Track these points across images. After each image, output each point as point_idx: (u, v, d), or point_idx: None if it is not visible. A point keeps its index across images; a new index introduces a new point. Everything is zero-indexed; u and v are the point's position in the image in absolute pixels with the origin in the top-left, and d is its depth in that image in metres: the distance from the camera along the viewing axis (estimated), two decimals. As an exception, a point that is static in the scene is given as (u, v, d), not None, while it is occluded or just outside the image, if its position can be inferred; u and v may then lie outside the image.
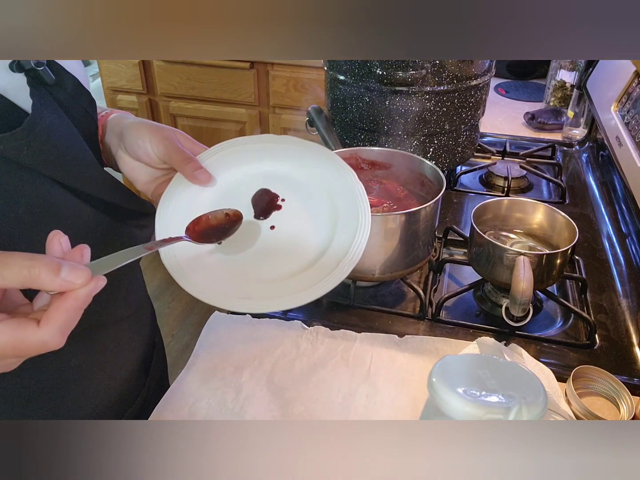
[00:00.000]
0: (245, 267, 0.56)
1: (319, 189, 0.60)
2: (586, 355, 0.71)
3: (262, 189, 0.60)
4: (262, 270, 0.56)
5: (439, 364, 0.55)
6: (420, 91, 0.92)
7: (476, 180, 1.17)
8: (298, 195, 0.60)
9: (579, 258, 0.89)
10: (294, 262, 0.56)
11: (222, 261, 0.56)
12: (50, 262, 0.34)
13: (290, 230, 0.58)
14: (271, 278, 0.55)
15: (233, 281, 0.54)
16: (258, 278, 0.55)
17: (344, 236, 0.56)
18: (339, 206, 0.59)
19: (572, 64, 1.44)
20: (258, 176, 0.61)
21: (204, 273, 0.55)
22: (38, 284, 0.34)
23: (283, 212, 0.59)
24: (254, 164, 0.62)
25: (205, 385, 0.65)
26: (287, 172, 0.61)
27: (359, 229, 0.56)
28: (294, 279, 0.54)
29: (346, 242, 0.56)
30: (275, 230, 0.58)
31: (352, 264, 0.54)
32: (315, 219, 0.59)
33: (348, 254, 0.55)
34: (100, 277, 0.37)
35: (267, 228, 0.58)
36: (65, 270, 0.34)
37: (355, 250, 0.55)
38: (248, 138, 0.63)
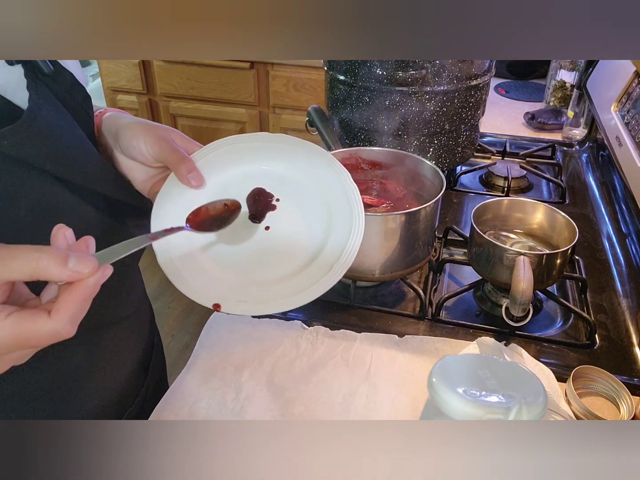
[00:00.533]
0: (240, 269, 0.56)
1: (313, 189, 0.60)
2: (586, 355, 0.71)
3: (257, 188, 0.60)
4: (257, 272, 0.56)
5: (439, 364, 0.55)
6: (420, 91, 0.92)
7: (476, 180, 1.17)
8: (293, 195, 0.60)
9: (579, 258, 0.89)
10: (289, 264, 0.56)
11: (218, 263, 0.56)
12: (58, 253, 0.35)
13: (285, 231, 0.58)
14: (266, 280, 0.55)
15: (228, 284, 0.55)
16: (253, 280, 0.55)
17: (338, 238, 0.56)
18: (332, 207, 0.59)
19: (572, 64, 1.44)
20: (253, 175, 0.61)
21: (200, 275, 0.55)
22: (47, 275, 0.34)
23: (278, 213, 0.59)
24: (248, 163, 0.61)
25: (205, 385, 0.65)
26: (282, 172, 0.61)
27: (353, 231, 0.56)
28: (289, 281, 0.55)
29: (340, 243, 0.56)
30: (270, 231, 0.58)
31: (346, 267, 0.54)
32: (309, 220, 0.59)
33: (342, 256, 0.55)
34: (107, 266, 0.37)
35: (262, 229, 0.58)
36: (72, 261, 0.35)
37: (349, 253, 0.55)
38: (243, 136, 0.63)
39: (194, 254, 0.56)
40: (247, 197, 0.60)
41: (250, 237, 0.58)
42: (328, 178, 0.60)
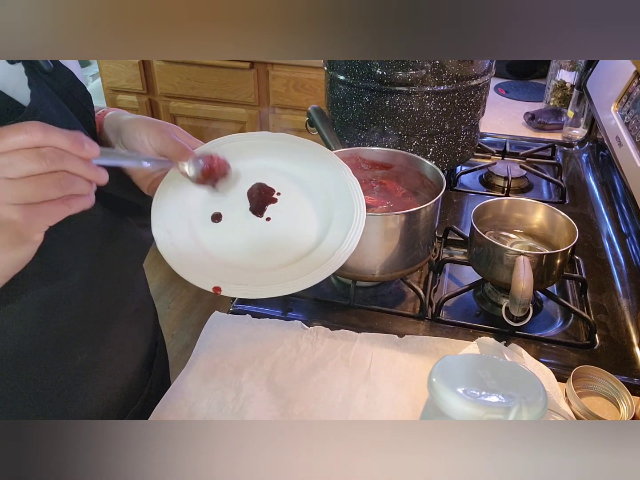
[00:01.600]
0: (241, 255, 0.58)
1: (315, 184, 0.62)
2: (586, 355, 0.71)
3: (258, 183, 0.62)
4: (257, 259, 0.58)
5: (439, 364, 0.55)
6: (420, 91, 0.92)
7: (476, 180, 1.17)
8: (294, 190, 0.62)
9: (579, 258, 0.89)
10: (289, 253, 0.58)
11: (220, 249, 0.58)
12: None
13: (286, 222, 0.60)
14: (266, 267, 0.58)
15: (229, 268, 0.57)
16: (253, 266, 0.58)
17: (338, 230, 0.59)
18: (334, 200, 0.61)
19: (572, 64, 1.44)
20: (254, 170, 0.63)
21: (201, 260, 0.57)
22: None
23: (279, 205, 0.61)
24: (250, 159, 0.63)
25: (205, 385, 0.65)
26: (284, 168, 0.63)
27: (354, 223, 0.58)
28: (289, 268, 0.57)
29: (340, 235, 0.58)
30: (271, 222, 0.60)
31: (346, 256, 0.57)
32: (310, 212, 0.61)
33: (342, 245, 0.57)
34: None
35: (264, 220, 0.61)
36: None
37: (348, 244, 0.57)
38: (245, 134, 0.65)
39: (195, 240, 0.58)
40: (248, 191, 0.62)
41: (252, 227, 0.60)
42: (329, 173, 0.62)
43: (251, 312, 0.76)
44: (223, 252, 0.58)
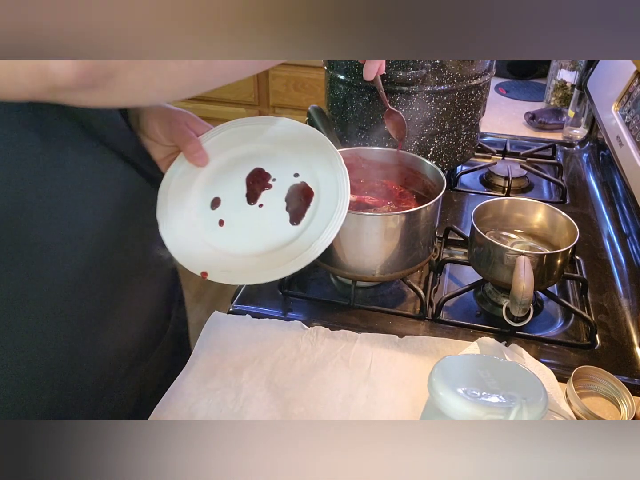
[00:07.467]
0: (229, 241, 0.61)
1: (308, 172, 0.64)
2: (587, 355, 0.70)
3: (257, 168, 0.64)
4: (244, 245, 0.61)
5: (439, 364, 0.55)
6: (420, 91, 0.92)
7: (476, 180, 1.17)
8: (288, 176, 0.64)
9: (579, 258, 0.89)
10: (275, 239, 0.60)
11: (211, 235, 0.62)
12: None
13: (276, 208, 0.62)
14: (253, 253, 0.60)
15: (216, 254, 0.60)
16: (240, 253, 0.60)
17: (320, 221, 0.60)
18: (321, 188, 0.62)
19: (573, 63, 1.44)
20: (254, 155, 0.65)
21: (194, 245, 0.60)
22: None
23: (272, 191, 0.63)
24: (252, 144, 0.66)
25: (205, 385, 0.65)
26: (282, 154, 0.65)
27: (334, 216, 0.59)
28: (273, 255, 0.59)
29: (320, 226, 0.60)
30: (263, 208, 0.63)
31: (322, 248, 0.58)
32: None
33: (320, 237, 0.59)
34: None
35: (257, 206, 0.63)
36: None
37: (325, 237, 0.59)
38: (248, 119, 0.67)
39: (191, 225, 0.62)
40: (247, 176, 0.64)
41: (247, 213, 0.63)
42: (323, 165, 0.64)
43: (251, 312, 0.76)
44: (213, 238, 0.61)
